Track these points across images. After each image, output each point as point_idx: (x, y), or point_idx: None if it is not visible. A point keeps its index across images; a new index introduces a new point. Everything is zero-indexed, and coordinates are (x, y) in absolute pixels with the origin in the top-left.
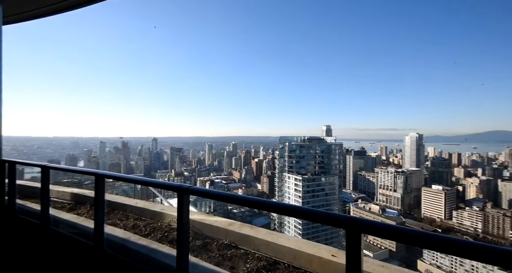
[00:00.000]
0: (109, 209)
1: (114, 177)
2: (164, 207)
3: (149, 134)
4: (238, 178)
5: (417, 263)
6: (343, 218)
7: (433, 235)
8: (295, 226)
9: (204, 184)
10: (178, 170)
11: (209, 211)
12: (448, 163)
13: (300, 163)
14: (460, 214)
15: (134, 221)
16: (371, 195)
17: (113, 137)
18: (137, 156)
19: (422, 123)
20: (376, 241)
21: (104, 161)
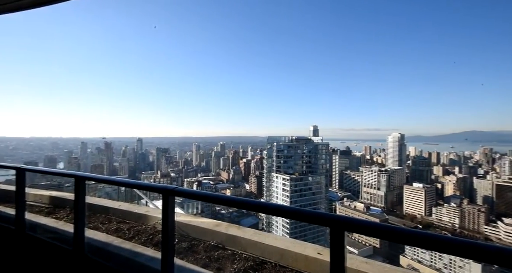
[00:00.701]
0: (91, 212)
1: (95, 179)
2: (149, 209)
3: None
4: (226, 178)
5: (400, 259)
6: (327, 217)
7: (412, 232)
8: (283, 225)
9: (191, 185)
10: (164, 171)
11: (197, 212)
12: (428, 162)
13: (288, 163)
14: (439, 211)
15: (117, 224)
16: (356, 193)
17: (95, 137)
18: (121, 157)
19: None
20: (361, 238)
21: (86, 162)
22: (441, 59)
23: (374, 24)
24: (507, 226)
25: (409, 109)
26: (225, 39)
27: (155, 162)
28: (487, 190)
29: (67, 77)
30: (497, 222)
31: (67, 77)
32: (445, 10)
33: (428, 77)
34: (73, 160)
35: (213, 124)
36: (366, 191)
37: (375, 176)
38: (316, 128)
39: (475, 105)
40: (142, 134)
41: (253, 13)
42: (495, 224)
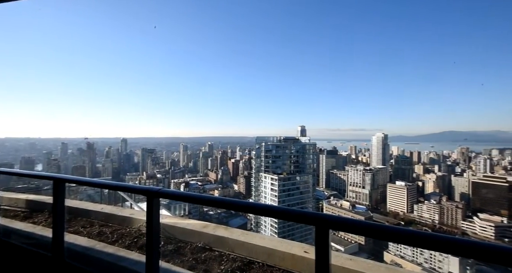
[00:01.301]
0: (71, 216)
1: (76, 181)
2: (134, 212)
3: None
4: (214, 179)
5: (384, 255)
6: (312, 215)
7: (393, 229)
8: (271, 225)
9: (178, 186)
10: (150, 172)
11: (184, 214)
12: (410, 161)
13: (276, 163)
14: (420, 208)
15: (99, 227)
16: (342, 192)
17: (77, 138)
18: (104, 158)
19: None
20: (347, 236)
21: (66, 164)
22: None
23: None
24: (482, 221)
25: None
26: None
27: (141, 163)
28: (464, 187)
29: (46, 75)
30: (473, 218)
31: (47, 75)
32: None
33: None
34: (52, 162)
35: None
36: (352, 190)
37: (360, 175)
38: (304, 128)
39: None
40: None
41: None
42: (471, 219)
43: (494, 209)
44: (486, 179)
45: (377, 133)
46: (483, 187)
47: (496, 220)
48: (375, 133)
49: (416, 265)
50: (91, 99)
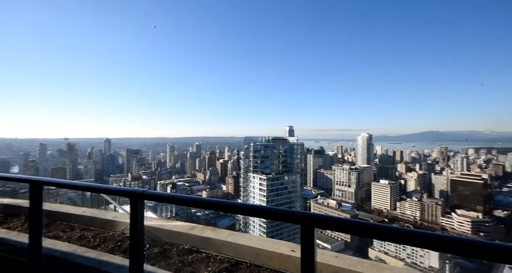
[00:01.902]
0: (50, 220)
1: (55, 184)
2: (117, 215)
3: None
4: (202, 180)
5: (368, 251)
6: (297, 214)
7: (376, 226)
8: (259, 225)
9: (165, 187)
10: (136, 174)
11: (171, 216)
12: (393, 160)
13: (264, 163)
14: (402, 205)
15: (81, 231)
16: (329, 191)
17: (57, 138)
18: (86, 160)
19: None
20: (333, 234)
21: (45, 165)
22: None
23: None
24: (459, 217)
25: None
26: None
27: (125, 164)
28: (443, 185)
29: (23, 72)
30: (452, 214)
31: (23, 72)
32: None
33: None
34: (30, 164)
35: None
36: (338, 189)
37: (346, 174)
38: (292, 128)
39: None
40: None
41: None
42: (450, 215)
43: (471, 205)
44: (463, 177)
45: (362, 133)
46: (461, 184)
47: (472, 216)
48: (360, 133)
49: (399, 260)
50: (72, 98)
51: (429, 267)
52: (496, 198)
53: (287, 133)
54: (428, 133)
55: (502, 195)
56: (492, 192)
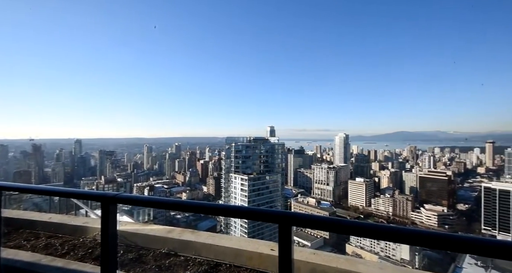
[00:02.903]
0: (11, 228)
1: (15, 189)
2: (89, 220)
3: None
4: (182, 181)
5: (346, 247)
6: (275, 213)
7: (350, 222)
8: (241, 225)
9: (142, 190)
10: (110, 176)
11: (148, 219)
12: (368, 158)
13: (246, 163)
14: (376, 201)
15: (47, 239)
16: (309, 189)
17: (20, 139)
18: (54, 162)
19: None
20: (313, 232)
21: (7, 169)
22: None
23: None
24: (427, 211)
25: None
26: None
27: (98, 167)
28: (413, 182)
29: None
30: (420, 209)
31: None
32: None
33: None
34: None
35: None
36: (317, 187)
37: (325, 173)
38: (273, 128)
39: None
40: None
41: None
42: (419, 210)
43: (437, 200)
44: (430, 174)
45: (340, 133)
46: (428, 181)
47: (438, 210)
48: (338, 133)
49: (373, 254)
50: (38, 97)
51: (401, 259)
52: (458, 193)
53: (268, 133)
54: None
55: (464, 190)
56: (455, 187)
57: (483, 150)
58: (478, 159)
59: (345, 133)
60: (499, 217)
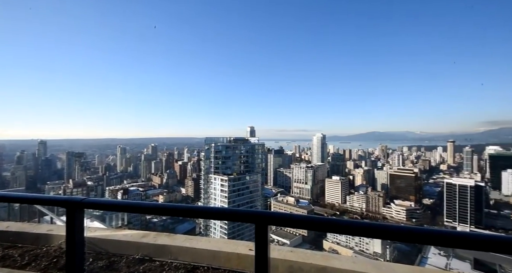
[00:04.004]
0: None
1: None
2: (54, 227)
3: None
4: (158, 183)
5: (323, 243)
6: (251, 213)
7: (322, 219)
8: (221, 226)
9: (115, 193)
10: (79, 180)
11: (122, 224)
12: (343, 157)
13: (226, 164)
14: (351, 198)
15: (4, 250)
16: (288, 188)
17: None
18: (14, 165)
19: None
20: (292, 230)
21: None
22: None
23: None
24: (397, 206)
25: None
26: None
27: (66, 170)
28: (384, 179)
29: None
30: (391, 204)
31: None
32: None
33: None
34: None
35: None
36: (296, 186)
37: (303, 172)
38: (253, 129)
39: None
40: (46, 135)
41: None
42: (389, 205)
43: (405, 195)
44: (399, 171)
45: (317, 133)
46: (397, 178)
47: (406, 205)
48: (315, 133)
49: (349, 249)
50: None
51: (374, 252)
52: (424, 189)
53: (249, 134)
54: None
55: (429, 186)
56: (421, 183)
57: (445, 149)
58: (441, 157)
59: (322, 133)
60: (459, 210)
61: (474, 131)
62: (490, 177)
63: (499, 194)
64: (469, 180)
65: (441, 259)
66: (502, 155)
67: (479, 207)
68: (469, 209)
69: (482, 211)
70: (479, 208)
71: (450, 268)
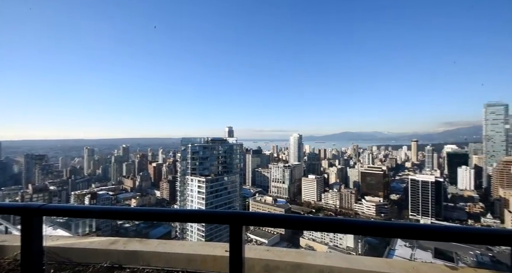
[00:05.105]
0: None
1: None
2: (8, 237)
3: None
4: (131, 186)
5: (299, 240)
6: (225, 214)
7: (294, 217)
8: (198, 229)
9: (81, 198)
10: (40, 185)
11: (90, 231)
12: (318, 157)
13: (203, 165)
14: (326, 196)
15: None
16: (266, 188)
17: None
18: None
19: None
20: (270, 229)
21: None
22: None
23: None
24: (367, 202)
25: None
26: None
27: (24, 174)
28: (356, 177)
29: None
30: (362, 200)
31: None
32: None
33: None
34: None
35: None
36: (274, 185)
37: (281, 171)
38: (231, 129)
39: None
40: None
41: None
42: (361, 202)
43: (375, 192)
44: (369, 169)
45: (294, 134)
46: (368, 175)
47: (376, 201)
48: (292, 133)
49: (324, 245)
50: None
51: (347, 247)
52: (391, 185)
53: (227, 134)
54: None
55: (395, 182)
56: (389, 180)
57: (409, 148)
58: (406, 155)
59: (299, 133)
60: (422, 204)
61: (434, 131)
62: (448, 173)
63: (456, 188)
64: (430, 176)
65: (407, 250)
66: (457, 153)
67: (439, 200)
68: (430, 203)
69: (441, 204)
70: (439, 201)
71: (414, 258)
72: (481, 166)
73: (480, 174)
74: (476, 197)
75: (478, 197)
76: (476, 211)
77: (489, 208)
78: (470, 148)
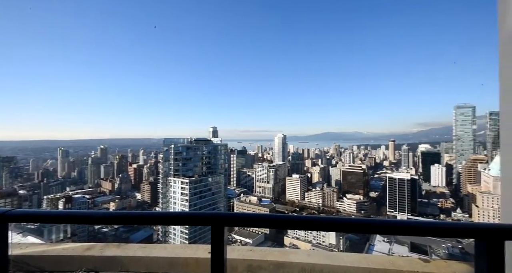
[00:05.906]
0: None
1: None
2: None
3: None
4: (109, 189)
5: (284, 239)
6: (206, 216)
7: (278, 216)
8: (181, 231)
9: (55, 203)
10: (8, 188)
11: (65, 237)
12: (302, 156)
13: (187, 166)
14: (309, 195)
15: None
16: (251, 188)
17: None
18: None
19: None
20: (255, 229)
21: None
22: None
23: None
24: (348, 200)
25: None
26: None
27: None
28: (337, 175)
29: None
30: (343, 198)
31: None
32: None
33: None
34: None
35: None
36: (259, 185)
37: (266, 171)
38: (216, 129)
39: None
40: None
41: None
42: (342, 200)
43: (355, 190)
44: (350, 168)
45: (278, 134)
46: (349, 174)
47: (356, 198)
48: (277, 134)
49: (307, 243)
50: None
51: (329, 244)
52: (371, 183)
53: (211, 134)
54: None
55: (374, 181)
56: (368, 178)
57: (387, 147)
58: (384, 154)
59: (283, 133)
60: (398, 200)
61: (409, 132)
62: (422, 171)
63: (429, 185)
64: (406, 174)
65: (385, 245)
66: (430, 152)
67: (414, 197)
68: (406, 199)
69: (416, 200)
70: (414, 198)
71: (392, 252)
72: (452, 164)
73: (451, 172)
74: (447, 193)
75: (449, 193)
76: (447, 206)
77: (459, 203)
78: (442, 148)
